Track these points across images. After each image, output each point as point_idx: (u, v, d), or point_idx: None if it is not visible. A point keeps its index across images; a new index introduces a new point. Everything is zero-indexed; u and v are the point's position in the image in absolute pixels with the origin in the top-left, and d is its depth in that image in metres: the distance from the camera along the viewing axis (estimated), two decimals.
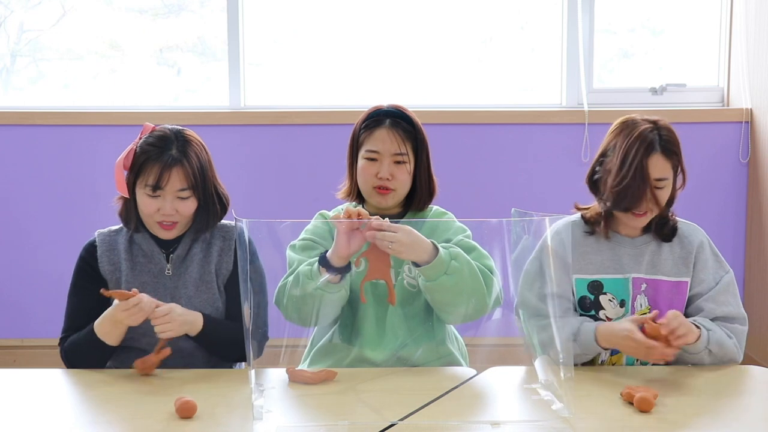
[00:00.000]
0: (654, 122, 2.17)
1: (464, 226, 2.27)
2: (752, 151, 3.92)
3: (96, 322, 2.09)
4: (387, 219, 2.02)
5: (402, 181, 2.23)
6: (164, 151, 2.12)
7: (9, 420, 1.82)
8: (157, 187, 2.11)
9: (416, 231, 2.04)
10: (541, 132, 3.91)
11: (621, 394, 1.88)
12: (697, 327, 2.07)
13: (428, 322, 2.20)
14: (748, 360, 3.83)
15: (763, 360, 3.75)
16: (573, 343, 2.10)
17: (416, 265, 2.06)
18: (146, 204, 2.14)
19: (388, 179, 2.21)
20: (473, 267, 2.09)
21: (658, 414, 1.80)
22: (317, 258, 2.10)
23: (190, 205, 2.16)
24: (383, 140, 2.22)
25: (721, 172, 3.98)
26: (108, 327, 2.08)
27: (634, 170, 2.12)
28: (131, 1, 4.10)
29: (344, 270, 2.06)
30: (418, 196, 2.27)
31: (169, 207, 2.13)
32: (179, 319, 2.06)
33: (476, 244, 2.23)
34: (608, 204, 2.17)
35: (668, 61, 4.17)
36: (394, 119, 2.24)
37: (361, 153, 2.24)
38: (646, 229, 2.24)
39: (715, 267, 2.22)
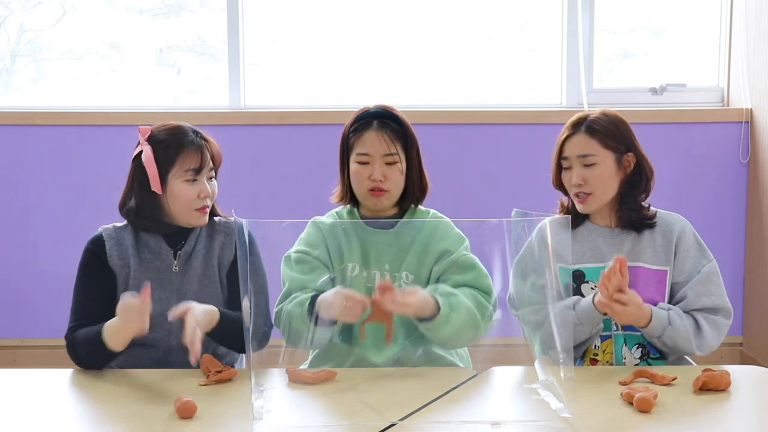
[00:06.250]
0: (597, 111, 2.27)
1: (462, 235, 2.27)
2: (752, 151, 3.92)
3: (107, 323, 2.05)
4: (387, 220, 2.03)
5: (395, 181, 2.23)
6: (190, 136, 2.18)
7: (9, 420, 1.82)
8: (199, 169, 2.16)
9: (421, 290, 2.08)
10: (541, 132, 3.91)
11: (621, 394, 1.88)
12: (652, 317, 2.10)
13: None
14: (748, 360, 3.83)
15: (763, 360, 3.75)
16: (572, 312, 2.14)
17: (419, 320, 2.10)
18: (185, 192, 2.16)
19: (381, 180, 2.21)
20: (472, 312, 2.12)
21: (658, 414, 1.80)
22: (309, 299, 2.11)
23: (215, 186, 2.23)
24: (372, 142, 2.21)
25: (721, 172, 3.98)
26: (114, 331, 2.03)
27: (557, 149, 2.27)
28: (131, 1, 4.10)
29: (333, 322, 2.09)
30: (411, 194, 2.27)
31: (207, 188, 2.18)
32: (202, 323, 2.01)
33: (476, 260, 2.24)
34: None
35: (668, 61, 4.17)
36: (381, 120, 2.23)
37: (352, 157, 2.24)
38: (624, 220, 2.26)
39: (698, 256, 2.24)
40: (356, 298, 2.01)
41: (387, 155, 2.21)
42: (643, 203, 2.28)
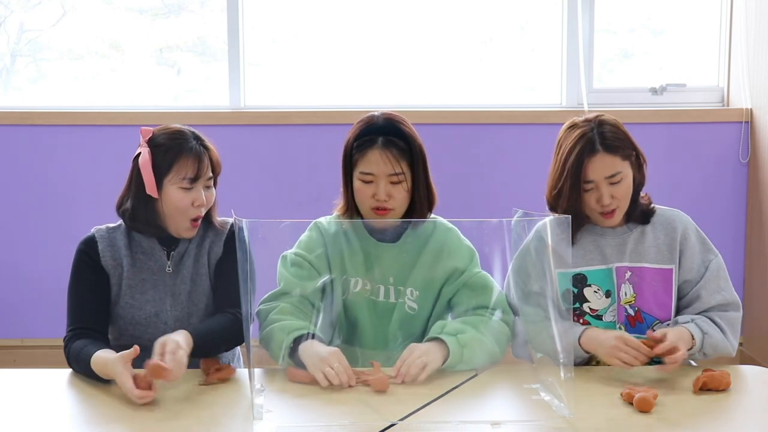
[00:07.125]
0: (592, 120, 2.19)
1: (471, 247, 2.23)
2: (752, 151, 3.92)
3: (94, 358, 1.99)
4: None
5: (400, 199, 2.16)
6: (190, 142, 2.14)
7: (9, 420, 1.82)
8: (196, 178, 2.13)
9: (417, 345, 2.04)
10: (541, 132, 3.91)
11: (621, 394, 1.88)
12: (693, 336, 2.09)
13: None
14: (748, 360, 3.83)
15: (763, 360, 3.75)
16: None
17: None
18: (179, 199, 2.13)
19: (385, 200, 2.15)
20: (485, 342, 2.09)
21: (658, 414, 1.80)
22: (292, 340, 2.03)
23: (212, 194, 2.20)
24: (377, 162, 2.13)
25: (721, 172, 3.98)
26: (102, 370, 1.97)
27: (572, 174, 2.15)
28: (131, 1, 4.10)
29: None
30: (417, 209, 2.21)
31: (202, 197, 2.14)
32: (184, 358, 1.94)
33: (487, 278, 2.20)
34: (553, 210, 2.22)
35: (668, 61, 4.17)
36: (386, 138, 2.14)
37: (356, 174, 2.17)
38: (628, 216, 2.25)
39: (703, 252, 2.23)
40: (349, 373, 1.96)
41: (392, 175, 2.14)
42: (640, 193, 2.27)
